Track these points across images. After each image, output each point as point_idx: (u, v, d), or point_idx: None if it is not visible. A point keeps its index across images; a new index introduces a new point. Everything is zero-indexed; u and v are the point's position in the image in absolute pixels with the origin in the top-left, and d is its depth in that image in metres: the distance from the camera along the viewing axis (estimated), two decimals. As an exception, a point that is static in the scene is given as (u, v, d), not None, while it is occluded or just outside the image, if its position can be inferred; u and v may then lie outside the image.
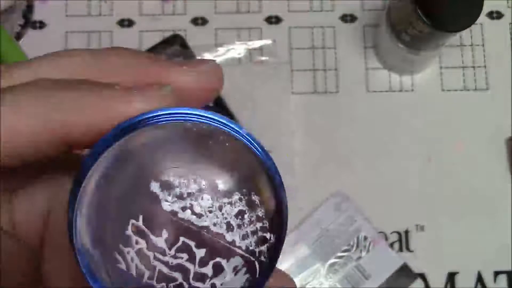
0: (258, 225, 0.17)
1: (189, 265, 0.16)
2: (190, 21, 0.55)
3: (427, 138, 0.54)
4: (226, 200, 0.16)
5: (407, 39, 0.48)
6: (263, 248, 0.17)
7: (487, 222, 0.52)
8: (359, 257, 0.50)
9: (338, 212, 0.51)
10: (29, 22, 0.54)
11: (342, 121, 0.54)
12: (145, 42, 0.54)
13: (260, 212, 0.17)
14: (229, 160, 0.16)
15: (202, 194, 0.16)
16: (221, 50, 0.54)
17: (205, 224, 0.16)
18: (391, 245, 0.51)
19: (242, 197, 0.17)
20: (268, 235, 0.17)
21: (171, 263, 0.16)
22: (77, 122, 0.16)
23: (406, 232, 0.52)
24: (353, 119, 0.54)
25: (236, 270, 0.16)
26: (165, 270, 0.16)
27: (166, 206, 0.16)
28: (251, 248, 0.17)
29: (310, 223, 0.51)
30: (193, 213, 0.16)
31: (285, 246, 0.17)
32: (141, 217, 0.16)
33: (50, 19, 0.54)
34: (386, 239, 0.51)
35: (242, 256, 0.16)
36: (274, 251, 0.17)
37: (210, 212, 0.16)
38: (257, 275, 0.16)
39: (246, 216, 0.16)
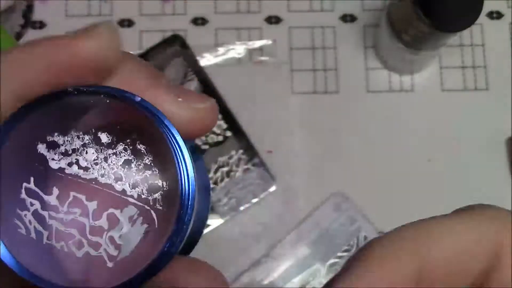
0: (147, 173, 0.17)
1: (83, 219, 0.17)
2: (190, 21, 0.55)
3: (427, 138, 0.54)
4: (110, 151, 0.17)
5: (407, 39, 0.48)
6: (157, 195, 0.17)
7: (487, 222, 0.52)
8: (359, 257, 0.50)
9: (338, 212, 0.51)
10: (29, 22, 0.54)
11: (342, 121, 0.54)
12: (145, 42, 0.54)
13: (148, 160, 0.17)
14: (111, 117, 0.17)
15: (87, 148, 0.17)
16: (221, 50, 0.54)
17: (93, 176, 0.17)
18: (391, 245, 0.51)
19: (127, 147, 0.17)
20: (160, 183, 0.17)
21: (66, 219, 0.17)
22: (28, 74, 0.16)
23: (406, 232, 0.52)
24: (353, 119, 0.54)
25: (132, 221, 0.17)
26: (61, 227, 0.17)
27: (54, 164, 0.17)
28: (143, 196, 0.17)
29: (310, 223, 0.51)
30: (80, 167, 0.17)
31: (285, 246, 0.17)
32: (32, 179, 0.16)
33: (50, 19, 0.54)
34: (386, 239, 0.51)
35: (135, 204, 0.17)
36: (172, 199, 0.17)
37: (96, 164, 0.17)
38: (156, 225, 0.17)
39: (133, 165, 0.17)
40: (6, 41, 0.37)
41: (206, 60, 0.54)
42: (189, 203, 0.16)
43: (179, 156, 0.16)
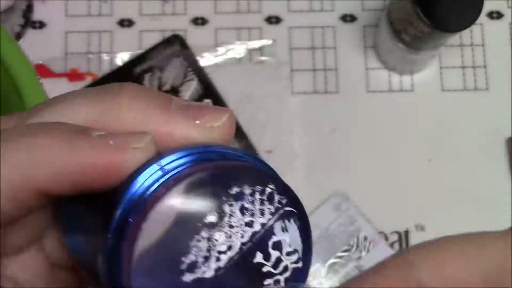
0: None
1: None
2: (190, 21, 0.55)
3: (427, 138, 0.54)
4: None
5: (407, 39, 0.48)
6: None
7: (487, 222, 0.52)
8: (359, 257, 0.50)
9: (338, 212, 0.51)
10: (29, 22, 0.54)
11: (342, 121, 0.54)
12: (145, 42, 0.54)
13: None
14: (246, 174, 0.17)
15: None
16: (221, 50, 0.54)
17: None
18: (391, 245, 0.51)
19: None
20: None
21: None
22: (48, 174, 0.15)
23: (406, 232, 0.52)
24: (353, 119, 0.54)
25: (283, 227, 0.18)
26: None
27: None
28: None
29: (310, 223, 0.51)
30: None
31: None
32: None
33: (50, 19, 0.54)
34: (386, 239, 0.51)
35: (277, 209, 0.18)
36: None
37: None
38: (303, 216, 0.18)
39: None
40: (6, 41, 0.37)
41: (206, 60, 0.54)
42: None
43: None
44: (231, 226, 0.16)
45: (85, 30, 0.54)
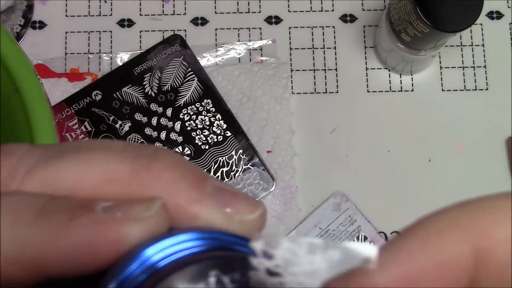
0: None
1: None
2: (190, 21, 0.55)
3: (427, 138, 0.54)
4: None
5: (407, 39, 0.48)
6: None
7: (487, 222, 0.52)
8: (359, 257, 0.50)
9: (337, 212, 0.51)
10: (29, 22, 0.54)
11: (342, 121, 0.54)
12: (145, 42, 0.54)
13: None
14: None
15: None
16: (221, 50, 0.54)
17: None
18: (391, 245, 0.51)
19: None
20: None
21: None
22: (48, 255, 0.14)
23: (406, 232, 0.52)
24: (353, 119, 0.54)
25: None
26: None
27: None
28: None
29: (309, 223, 0.51)
30: None
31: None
32: None
33: (50, 19, 0.54)
34: (386, 239, 0.51)
35: None
36: None
37: None
38: None
39: None
40: (6, 41, 0.37)
41: (206, 60, 0.54)
42: None
43: None
44: None
45: (85, 30, 0.54)
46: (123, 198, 0.15)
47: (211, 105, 0.52)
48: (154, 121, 0.52)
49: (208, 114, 0.52)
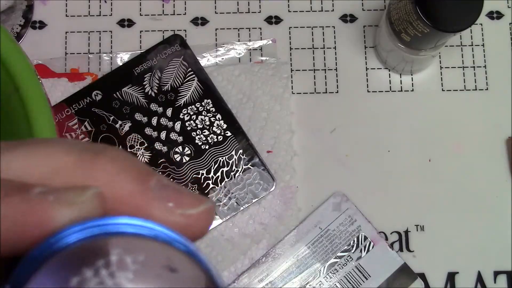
0: None
1: None
2: (190, 21, 0.55)
3: (427, 138, 0.54)
4: None
5: (407, 39, 0.48)
6: None
7: (487, 222, 0.52)
8: (359, 257, 0.50)
9: (337, 212, 0.51)
10: (29, 22, 0.54)
11: (342, 121, 0.54)
12: (145, 42, 0.54)
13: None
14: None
15: None
16: (221, 50, 0.54)
17: None
18: (391, 245, 0.51)
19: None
20: None
21: None
22: None
23: (406, 232, 0.52)
24: (353, 119, 0.54)
25: None
26: None
27: None
28: None
29: (309, 223, 0.51)
30: None
31: (285, 246, 0.16)
32: None
33: (50, 19, 0.54)
34: (386, 239, 0.51)
35: None
36: None
37: None
38: None
39: None
40: (6, 41, 0.37)
41: (206, 60, 0.54)
42: None
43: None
44: None
45: (85, 30, 0.54)
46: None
47: (211, 105, 0.52)
48: (154, 121, 0.52)
49: (208, 114, 0.52)
